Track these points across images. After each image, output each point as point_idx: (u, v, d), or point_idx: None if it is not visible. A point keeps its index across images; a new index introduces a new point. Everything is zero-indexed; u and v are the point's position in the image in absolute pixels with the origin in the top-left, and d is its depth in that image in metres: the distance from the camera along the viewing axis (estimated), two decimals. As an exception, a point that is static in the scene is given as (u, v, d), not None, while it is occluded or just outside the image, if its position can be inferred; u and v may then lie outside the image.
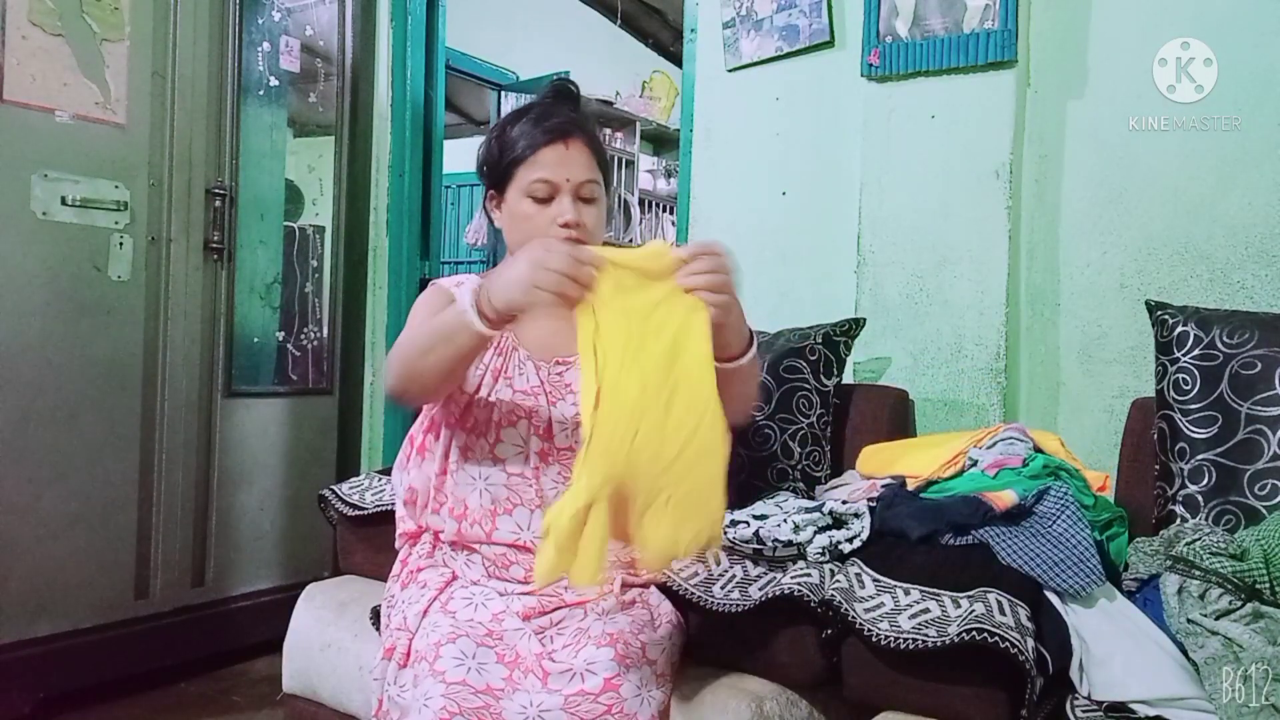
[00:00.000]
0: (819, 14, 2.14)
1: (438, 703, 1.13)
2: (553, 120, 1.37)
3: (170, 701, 2.29)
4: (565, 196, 1.35)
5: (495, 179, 1.41)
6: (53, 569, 2.17)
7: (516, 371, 1.39)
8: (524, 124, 1.38)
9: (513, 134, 1.38)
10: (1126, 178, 1.80)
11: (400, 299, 3.01)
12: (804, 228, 2.22)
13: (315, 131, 2.87)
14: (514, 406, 1.36)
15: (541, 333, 1.43)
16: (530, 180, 1.35)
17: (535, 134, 1.36)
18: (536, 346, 1.42)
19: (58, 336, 2.17)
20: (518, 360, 1.40)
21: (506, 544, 1.33)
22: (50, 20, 2.13)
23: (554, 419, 1.37)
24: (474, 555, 1.35)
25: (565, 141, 1.36)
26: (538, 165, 1.35)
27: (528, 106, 1.43)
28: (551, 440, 1.36)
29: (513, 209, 1.38)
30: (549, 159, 1.35)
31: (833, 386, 1.76)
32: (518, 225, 1.39)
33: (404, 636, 1.27)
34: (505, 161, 1.38)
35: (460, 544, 1.36)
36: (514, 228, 1.40)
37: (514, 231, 1.40)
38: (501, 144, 1.39)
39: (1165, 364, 1.48)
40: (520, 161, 1.36)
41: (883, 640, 1.12)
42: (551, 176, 1.35)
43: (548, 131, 1.36)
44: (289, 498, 2.69)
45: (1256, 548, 1.17)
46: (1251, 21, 1.68)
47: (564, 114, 1.39)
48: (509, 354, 1.40)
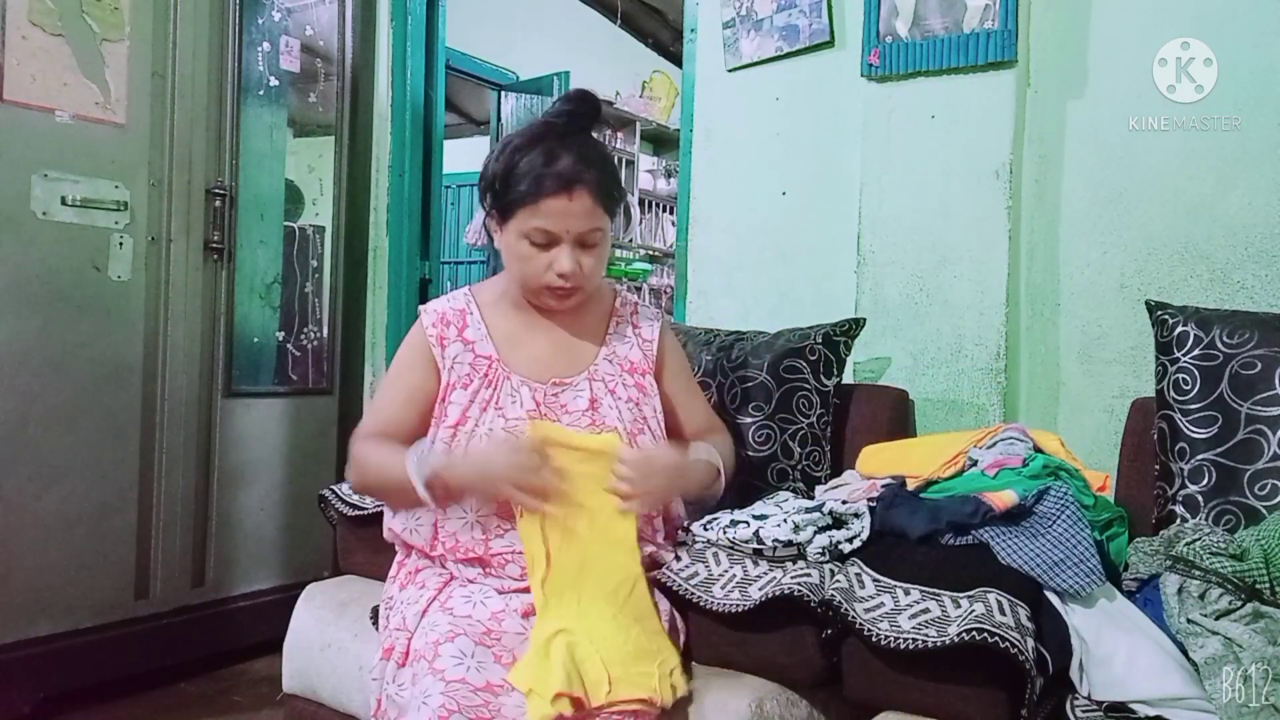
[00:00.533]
0: (819, 14, 2.14)
1: (436, 700, 1.13)
2: (561, 163, 1.31)
3: (170, 701, 2.29)
4: (565, 246, 1.33)
5: (497, 207, 1.37)
6: (53, 569, 2.17)
7: (509, 400, 1.37)
8: (533, 157, 1.32)
9: (521, 168, 1.32)
10: (1126, 178, 1.80)
11: (400, 299, 3.01)
12: (804, 228, 2.22)
13: (315, 131, 2.87)
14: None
15: (538, 354, 1.43)
16: (531, 226, 1.33)
17: (541, 179, 1.30)
18: (532, 369, 1.41)
19: (58, 336, 2.17)
20: (510, 388, 1.38)
21: (502, 551, 1.33)
22: (50, 20, 2.13)
23: None
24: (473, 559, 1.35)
25: (569, 193, 1.31)
26: (539, 214, 1.31)
27: (540, 132, 1.36)
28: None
29: (512, 245, 1.36)
30: (552, 209, 1.31)
31: (833, 386, 1.76)
32: (514, 260, 1.38)
33: (402, 636, 1.27)
34: (508, 198, 1.34)
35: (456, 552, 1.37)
36: (511, 260, 1.39)
37: (511, 263, 1.39)
38: (508, 173, 1.34)
39: (1165, 364, 1.48)
40: (521, 205, 1.32)
41: (883, 640, 1.12)
42: (552, 228, 1.32)
43: (554, 178, 1.30)
44: (289, 498, 2.69)
45: (1256, 548, 1.16)
46: (1251, 21, 1.68)
47: (574, 151, 1.33)
48: (499, 383, 1.39)
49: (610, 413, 1.40)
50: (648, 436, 1.43)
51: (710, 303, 2.37)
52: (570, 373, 1.43)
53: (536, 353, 1.43)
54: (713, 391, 1.78)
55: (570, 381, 1.41)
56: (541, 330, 1.45)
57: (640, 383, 1.47)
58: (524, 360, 1.41)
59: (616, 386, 1.44)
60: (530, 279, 1.37)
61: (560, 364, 1.43)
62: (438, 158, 3.21)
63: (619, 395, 1.43)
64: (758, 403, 1.73)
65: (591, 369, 1.44)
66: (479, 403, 1.37)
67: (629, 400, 1.44)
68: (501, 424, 1.35)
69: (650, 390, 1.47)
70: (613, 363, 1.46)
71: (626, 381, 1.45)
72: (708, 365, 1.82)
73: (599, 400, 1.41)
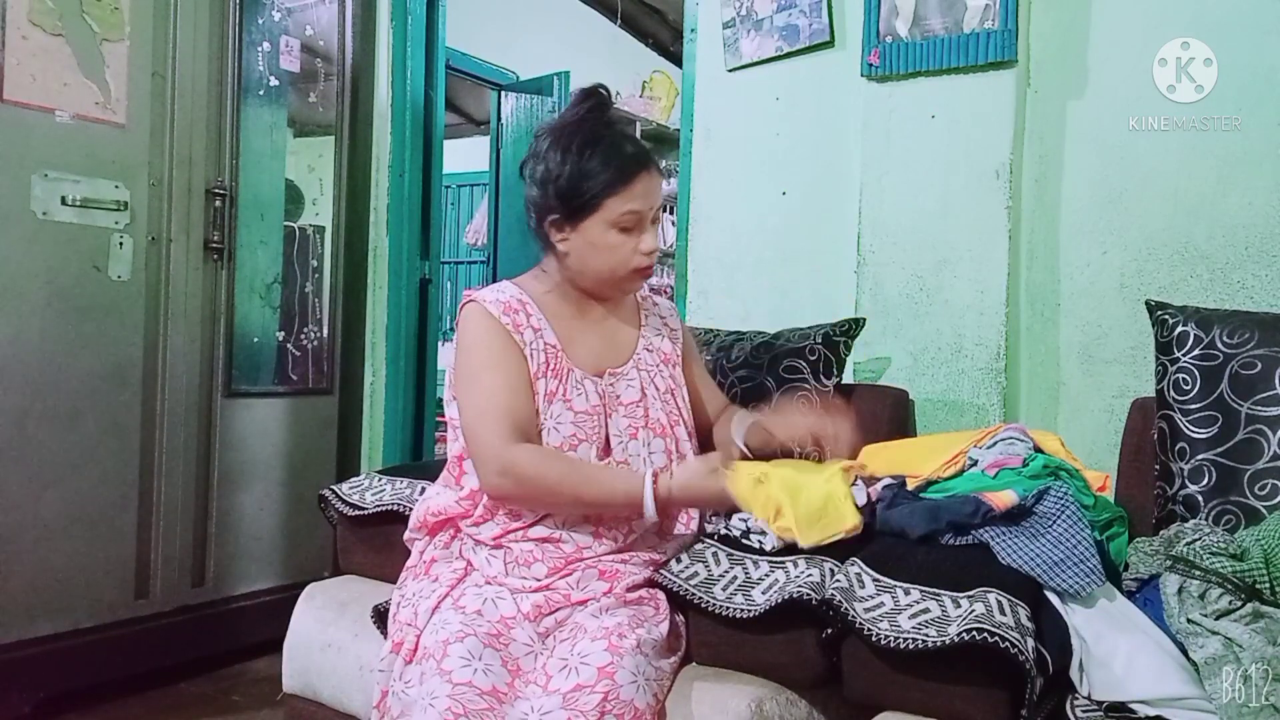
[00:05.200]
0: (819, 14, 2.14)
1: (443, 703, 1.13)
2: (632, 147, 1.39)
3: (170, 701, 2.29)
4: (648, 224, 1.39)
5: (572, 209, 1.38)
6: (53, 569, 2.17)
7: (575, 392, 1.39)
8: (604, 151, 1.36)
9: (594, 164, 1.36)
10: (1126, 178, 1.80)
11: (400, 299, 3.01)
12: (804, 228, 2.22)
13: (315, 131, 2.87)
14: (575, 430, 1.37)
15: (593, 347, 1.46)
16: (622, 211, 1.36)
17: (625, 165, 1.36)
18: (589, 362, 1.44)
19: (58, 336, 2.17)
20: (575, 380, 1.40)
21: (537, 539, 1.34)
22: (50, 20, 2.13)
23: (610, 434, 1.40)
24: (497, 551, 1.36)
25: (649, 171, 1.38)
26: (632, 197, 1.36)
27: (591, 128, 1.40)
28: (609, 455, 1.39)
29: (594, 239, 1.38)
30: (641, 190, 1.37)
31: (833, 386, 1.76)
32: (598, 254, 1.40)
33: (412, 632, 1.28)
34: (589, 195, 1.36)
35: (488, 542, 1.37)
36: (592, 254, 1.40)
37: (591, 259, 1.40)
38: (580, 174, 1.36)
39: (1165, 364, 1.48)
40: (612, 193, 1.36)
41: (883, 640, 1.12)
42: (641, 207, 1.38)
43: (635, 161, 1.37)
44: (289, 498, 2.69)
45: (1256, 548, 1.17)
46: (1251, 21, 1.68)
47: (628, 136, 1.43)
48: (566, 375, 1.40)
49: (654, 404, 1.46)
50: (682, 428, 1.49)
51: (710, 303, 2.37)
52: (619, 363, 1.47)
53: (590, 344, 1.46)
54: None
55: (621, 372, 1.46)
56: (591, 322, 1.48)
57: (673, 374, 1.53)
58: (580, 352, 1.44)
59: (656, 378, 1.49)
60: (620, 266, 1.40)
61: (610, 355, 1.46)
62: (438, 158, 3.21)
63: (659, 386, 1.48)
64: (758, 403, 1.73)
65: (637, 358, 1.49)
66: (545, 394, 1.38)
67: (667, 391, 1.49)
68: (571, 417, 1.37)
69: (680, 383, 1.54)
70: (652, 352, 1.52)
71: (664, 374, 1.51)
72: (708, 365, 1.82)
73: (647, 391, 1.46)
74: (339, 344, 2.87)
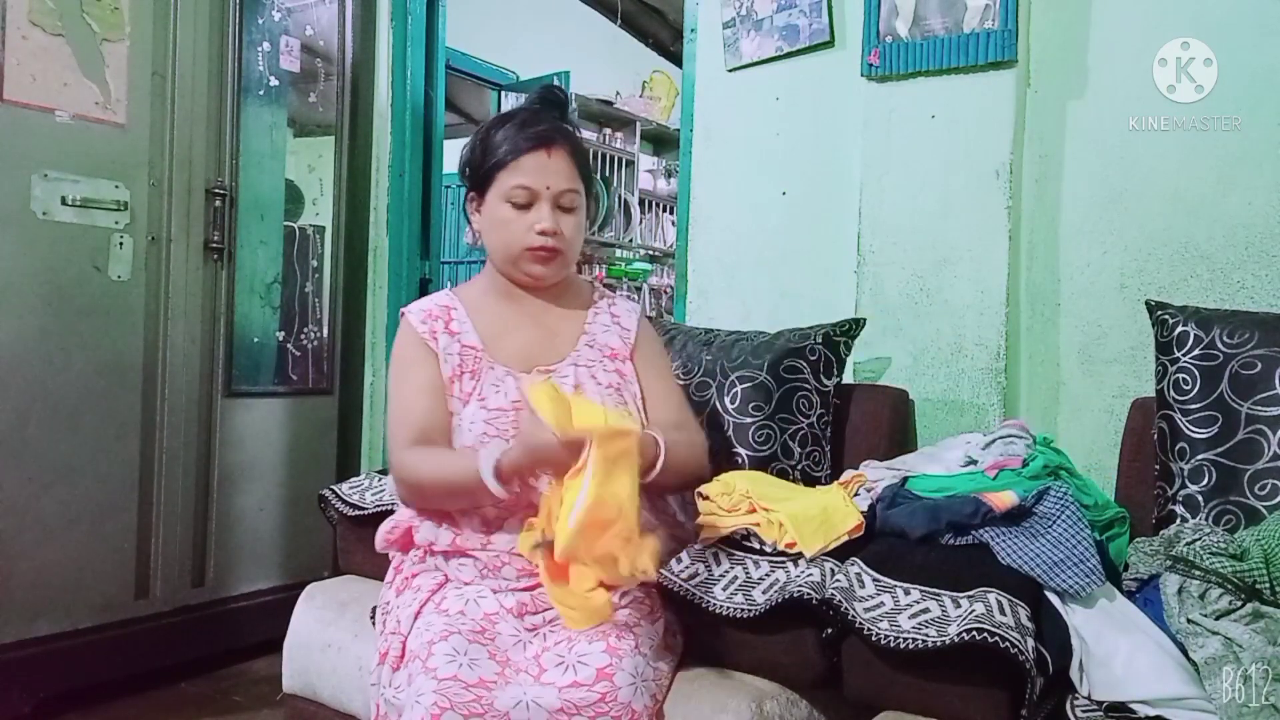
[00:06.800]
0: (819, 14, 2.14)
1: (429, 699, 1.13)
2: (537, 127, 1.40)
3: (170, 701, 2.29)
4: (544, 204, 1.39)
5: (476, 182, 1.43)
6: (53, 569, 2.17)
7: (491, 390, 1.39)
8: (508, 129, 1.40)
9: (496, 138, 1.40)
10: (1126, 178, 1.80)
11: (400, 299, 3.01)
12: (804, 228, 2.22)
13: (315, 131, 2.87)
14: (486, 428, 1.36)
15: (522, 343, 1.45)
16: (510, 186, 1.38)
17: (518, 139, 1.39)
18: (516, 358, 1.43)
19: (58, 336, 2.17)
20: (494, 378, 1.40)
21: (502, 550, 1.33)
22: (50, 20, 2.13)
23: None
24: (466, 559, 1.35)
25: (548, 149, 1.39)
26: (519, 171, 1.38)
27: (513, 111, 1.45)
28: None
29: (492, 213, 1.41)
30: (530, 165, 1.38)
31: (833, 386, 1.76)
32: (496, 229, 1.42)
33: (397, 640, 1.28)
34: (487, 165, 1.40)
35: (454, 552, 1.36)
36: (492, 231, 1.43)
37: (492, 234, 1.43)
38: (485, 147, 1.42)
39: (1165, 364, 1.48)
40: (502, 166, 1.39)
41: (883, 640, 1.12)
42: (531, 184, 1.38)
43: (530, 138, 1.38)
44: (289, 498, 2.69)
45: (1256, 548, 1.16)
46: (1251, 21, 1.68)
47: (549, 121, 1.42)
48: (483, 374, 1.40)
49: (594, 397, 1.41)
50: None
51: (710, 303, 2.37)
52: (554, 360, 1.45)
53: (521, 341, 1.45)
54: (713, 391, 1.78)
55: (554, 368, 1.44)
56: (526, 320, 1.48)
57: (620, 368, 1.49)
58: (508, 350, 1.43)
59: (598, 371, 1.46)
60: (513, 243, 1.41)
61: (544, 352, 1.45)
62: (438, 158, 3.20)
63: (600, 380, 1.45)
64: (758, 403, 1.73)
65: (574, 355, 1.46)
66: (462, 395, 1.39)
67: (610, 385, 1.46)
68: (484, 415, 1.36)
69: (629, 375, 1.50)
70: (593, 348, 1.49)
71: (607, 366, 1.48)
72: (708, 365, 1.82)
73: (583, 385, 1.43)
74: (339, 344, 2.87)
